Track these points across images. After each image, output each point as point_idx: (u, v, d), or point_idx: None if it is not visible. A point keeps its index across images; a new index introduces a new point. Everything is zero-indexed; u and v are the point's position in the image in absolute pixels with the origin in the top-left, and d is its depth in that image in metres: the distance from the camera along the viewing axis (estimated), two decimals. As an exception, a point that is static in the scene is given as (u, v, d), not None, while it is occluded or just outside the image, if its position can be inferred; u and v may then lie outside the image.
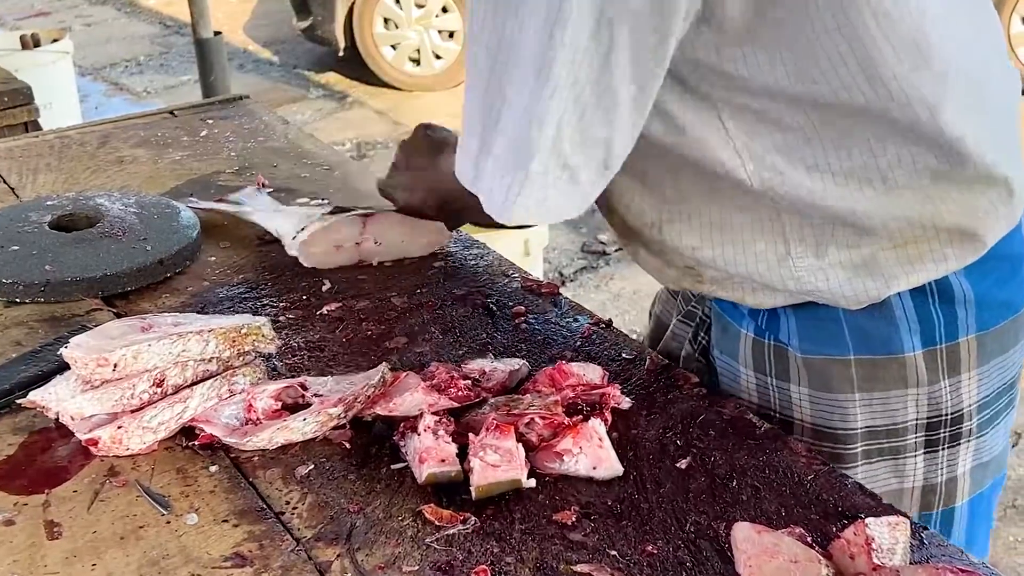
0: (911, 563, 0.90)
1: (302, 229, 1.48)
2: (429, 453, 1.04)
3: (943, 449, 1.22)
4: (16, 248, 1.50)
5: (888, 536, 0.89)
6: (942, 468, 1.24)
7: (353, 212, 1.50)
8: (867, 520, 0.90)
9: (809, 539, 0.95)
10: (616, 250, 4.48)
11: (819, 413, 1.20)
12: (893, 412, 1.19)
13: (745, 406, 1.20)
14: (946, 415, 1.20)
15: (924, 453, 1.22)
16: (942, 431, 1.21)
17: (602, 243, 4.52)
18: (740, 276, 1.17)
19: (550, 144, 0.97)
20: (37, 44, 5.23)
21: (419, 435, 1.06)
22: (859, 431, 1.20)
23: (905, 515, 0.96)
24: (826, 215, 1.10)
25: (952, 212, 1.11)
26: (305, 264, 1.49)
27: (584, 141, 0.98)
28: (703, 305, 1.32)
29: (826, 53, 1.00)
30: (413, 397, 1.11)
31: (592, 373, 1.17)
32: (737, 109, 1.05)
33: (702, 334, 1.32)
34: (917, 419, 1.20)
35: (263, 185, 1.74)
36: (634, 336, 1.40)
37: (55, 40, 5.29)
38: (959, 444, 1.23)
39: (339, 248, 1.50)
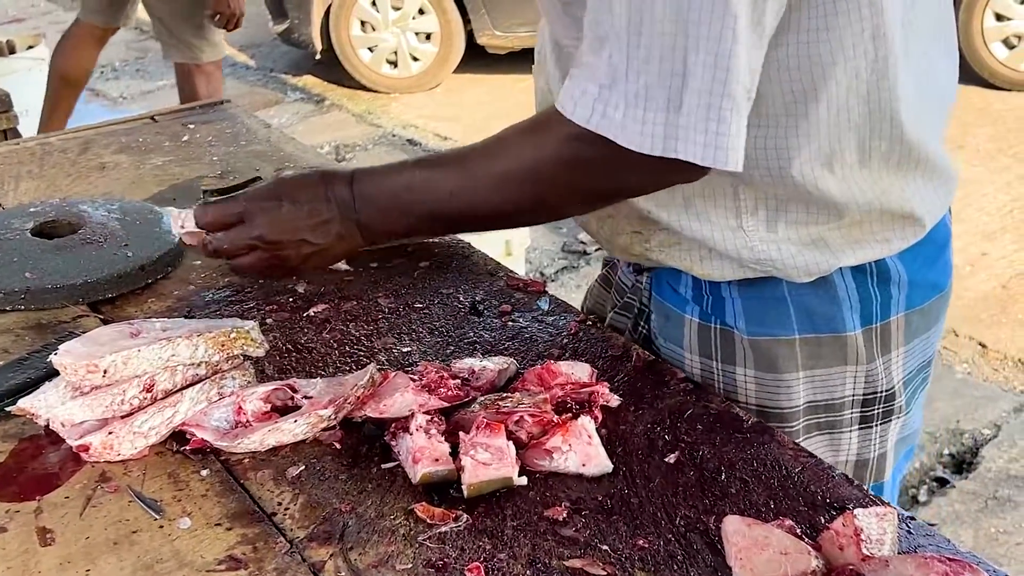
0: (899, 553, 0.91)
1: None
2: (423, 452, 1.05)
3: (877, 425, 1.28)
4: (-2, 255, 1.49)
5: (876, 527, 0.90)
6: (875, 444, 1.30)
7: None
8: (855, 511, 0.91)
9: (798, 531, 0.96)
10: (596, 250, 4.49)
11: (764, 393, 1.25)
12: (832, 388, 1.24)
13: (729, 403, 1.21)
14: (881, 392, 1.26)
15: (859, 429, 1.28)
16: (876, 407, 1.27)
17: (583, 243, 4.52)
18: (692, 241, 1.20)
19: (739, 78, 0.99)
20: (12, 51, 5.19)
21: (411, 435, 1.07)
22: (801, 407, 1.25)
23: (891, 505, 0.97)
24: (781, 193, 1.15)
25: (898, 197, 1.17)
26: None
27: (754, 71, 1.02)
28: (640, 295, 1.34)
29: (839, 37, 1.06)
30: (403, 398, 1.12)
31: (580, 371, 1.18)
32: None
33: (642, 324, 1.35)
34: (854, 395, 1.26)
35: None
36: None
37: (30, 47, 5.25)
38: (891, 420, 1.29)
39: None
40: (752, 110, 1.05)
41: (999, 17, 6.04)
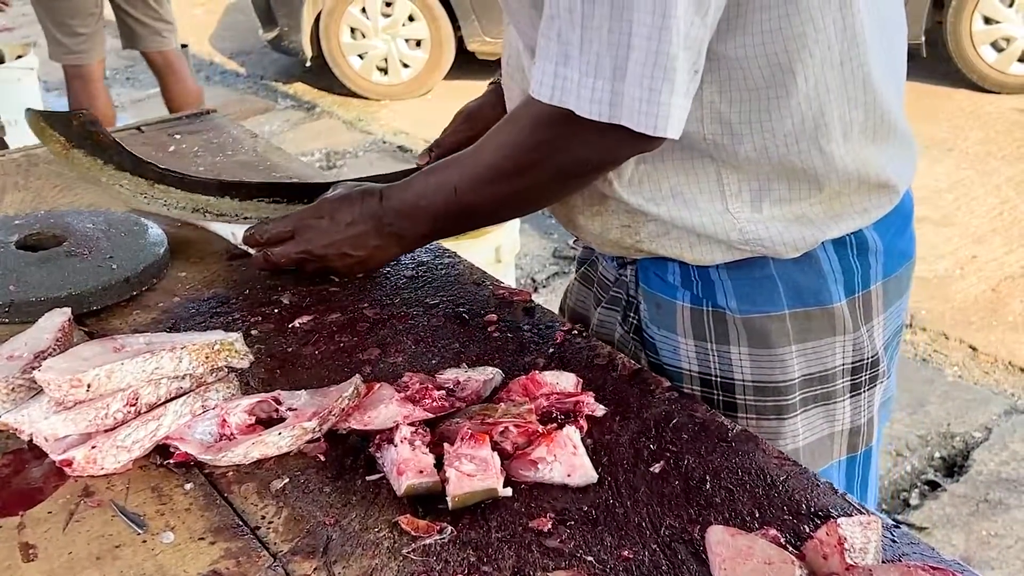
0: (883, 562, 0.91)
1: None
2: (407, 464, 1.04)
3: (865, 391, 1.34)
4: (-18, 269, 1.49)
5: (860, 535, 0.90)
6: (864, 410, 1.35)
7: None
8: (839, 520, 0.91)
9: (782, 540, 0.96)
10: (587, 254, 4.50)
11: (759, 370, 1.29)
12: (824, 359, 1.29)
13: (714, 412, 1.21)
14: (867, 359, 1.32)
15: (850, 397, 1.33)
16: (864, 374, 1.33)
17: (573, 248, 4.53)
18: (682, 229, 1.25)
19: (675, 52, 1.06)
20: (1, 60, 5.19)
21: (396, 446, 1.07)
22: (797, 380, 1.29)
23: (875, 513, 0.97)
24: (764, 172, 1.21)
25: (875, 166, 1.24)
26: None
27: (703, 49, 1.10)
28: (626, 288, 1.37)
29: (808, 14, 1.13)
30: (388, 409, 1.11)
31: (566, 381, 1.18)
32: (712, 68, 1.15)
33: (631, 315, 1.37)
34: (843, 364, 1.31)
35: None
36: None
37: (19, 56, 5.25)
38: (875, 385, 1.35)
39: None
40: (734, 87, 1.16)
41: (987, 20, 6.06)
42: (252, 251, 1.51)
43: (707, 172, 1.22)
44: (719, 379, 1.30)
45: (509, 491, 1.04)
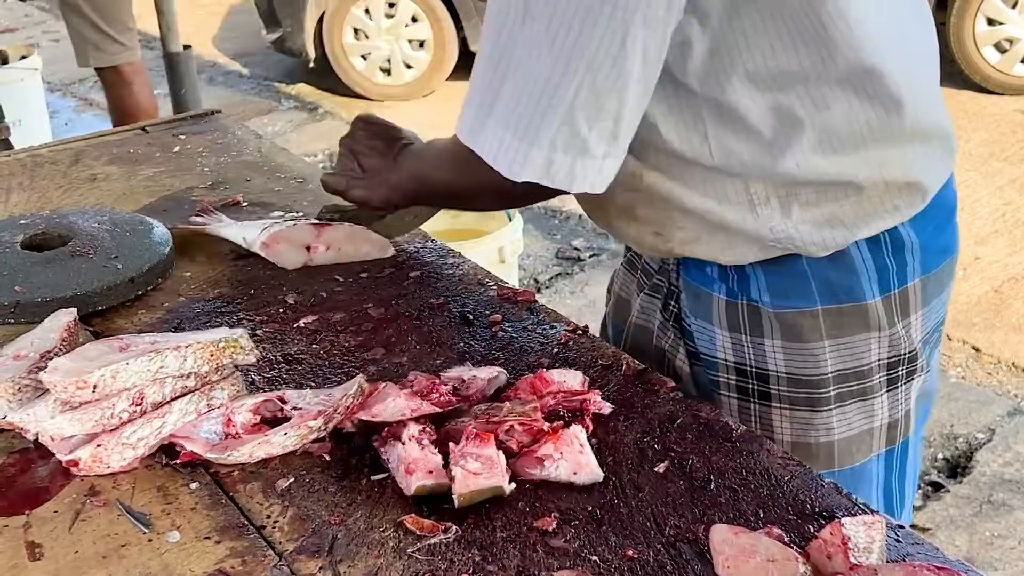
0: (887, 561, 0.92)
1: (264, 229, 1.57)
2: (417, 464, 1.05)
3: (902, 386, 1.34)
4: (-13, 268, 1.49)
5: (864, 535, 0.90)
6: (901, 403, 1.35)
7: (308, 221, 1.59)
8: (843, 520, 0.91)
9: (787, 539, 0.96)
10: (591, 256, 4.50)
11: (792, 362, 1.29)
12: (859, 355, 1.30)
13: (719, 412, 1.21)
14: (904, 354, 1.32)
15: (887, 392, 1.33)
16: (900, 369, 1.33)
17: (576, 249, 4.53)
18: (713, 235, 1.27)
19: (564, 113, 1.07)
20: (5, 61, 5.19)
21: (404, 444, 1.07)
22: (830, 375, 1.29)
23: (878, 512, 0.97)
24: (788, 180, 1.21)
25: (898, 166, 1.23)
26: (269, 259, 1.56)
27: (597, 113, 1.09)
28: (668, 276, 1.38)
29: (796, 24, 1.12)
30: (395, 403, 1.11)
31: (572, 379, 1.18)
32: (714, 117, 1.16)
33: (672, 303, 1.38)
34: (879, 360, 1.31)
35: (238, 203, 1.75)
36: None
37: (23, 57, 5.25)
38: (913, 379, 1.35)
39: (295, 248, 1.57)
40: (740, 121, 1.16)
41: (991, 21, 6.05)
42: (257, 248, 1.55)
43: (733, 183, 1.22)
44: (754, 369, 1.31)
45: (514, 486, 1.04)
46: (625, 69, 1.06)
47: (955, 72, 6.15)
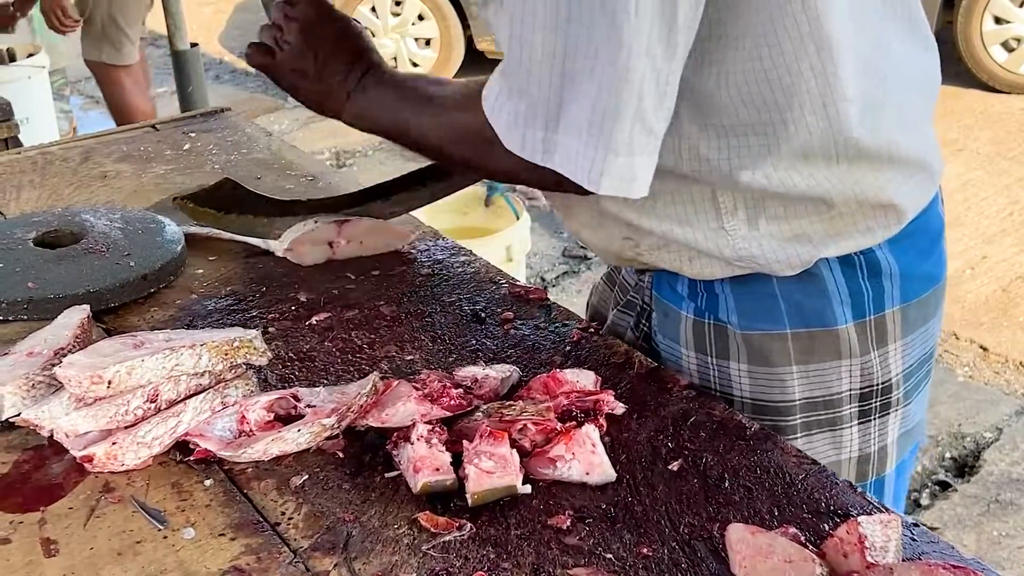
0: (903, 560, 0.92)
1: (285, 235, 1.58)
2: (423, 462, 1.05)
3: (875, 419, 1.29)
4: (0, 266, 1.49)
5: (880, 534, 0.90)
6: (874, 438, 1.31)
7: (331, 219, 1.58)
8: (859, 518, 0.91)
9: (802, 538, 0.96)
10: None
11: (758, 387, 1.26)
12: (828, 383, 1.26)
13: (731, 411, 1.21)
14: (877, 385, 1.27)
15: (859, 424, 1.29)
16: (874, 401, 1.28)
17: (583, 248, 4.53)
18: (678, 244, 1.23)
19: (634, 110, 1.02)
20: (12, 59, 5.19)
21: (412, 444, 1.07)
22: (797, 403, 1.26)
23: (894, 511, 0.97)
24: (759, 194, 1.17)
25: (872, 187, 1.19)
26: (291, 259, 1.56)
27: (662, 102, 1.04)
28: (642, 294, 1.37)
29: (777, 40, 1.09)
30: (406, 407, 1.12)
31: (585, 379, 1.18)
32: (693, 111, 1.13)
33: (643, 322, 1.37)
34: (851, 389, 1.26)
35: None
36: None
37: (30, 54, 5.25)
38: (888, 413, 1.30)
39: (319, 246, 1.57)
40: (713, 126, 1.13)
41: (998, 20, 6.04)
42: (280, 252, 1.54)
43: (702, 192, 1.20)
44: (718, 394, 1.28)
45: (528, 488, 1.04)
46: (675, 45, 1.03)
47: (962, 71, 6.14)
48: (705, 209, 1.20)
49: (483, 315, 1.39)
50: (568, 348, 1.31)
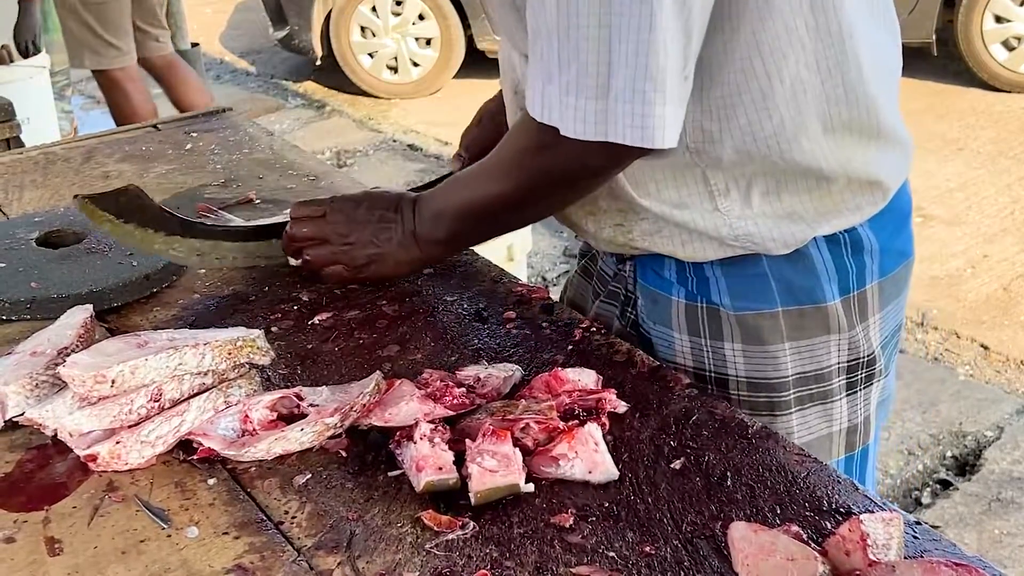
0: (906, 557, 0.92)
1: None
2: (426, 461, 1.05)
3: (861, 390, 1.35)
4: (3, 265, 1.50)
5: (883, 531, 0.90)
6: (860, 408, 1.36)
7: None
8: (862, 516, 0.91)
9: (805, 536, 0.96)
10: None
11: (752, 366, 1.30)
12: (819, 358, 1.30)
13: (733, 409, 1.21)
14: (863, 357, 1.32)
15: (847, 396, 1.34)
16: (860, 373, 1.33)
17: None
18: (673, 227, 1.26)
19: (661, 63, 1.06)
20: (13, 59, 5.20)
21: (415, 443, 1.07)
22: (790, 378, 1.30)
23: (896, 509, 0.97)
24: (749, 171, 1.21)
25: (862, 163, 1.24)
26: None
27: (691, 55, 1.09)
28: (624, 283, 1.39)
29: (783, 22, 1.14)
30: (409, 407, 1.12)
31: (587, 378, 1.18)
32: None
33: (629, 310, 1.39)
34: (839, 363, 1.31)
35: (251, 200, 1.76)
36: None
37: (32, 54, 5.26)
38: (872, 384, 1.36)
39: None
40: (712, 94, 1.16)
41: (999, 19, 6.04)
42: (292, 261, 1.48)
43: (693, 174, 1.23)
44: (713, 375, 1.31)
45: (531, 487, 1.05)
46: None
47: (962, 70, 6.15)
48: (698, 191, 1.23)
49: (485, 314, 1.40)
50: (570, 347, 1.31)
